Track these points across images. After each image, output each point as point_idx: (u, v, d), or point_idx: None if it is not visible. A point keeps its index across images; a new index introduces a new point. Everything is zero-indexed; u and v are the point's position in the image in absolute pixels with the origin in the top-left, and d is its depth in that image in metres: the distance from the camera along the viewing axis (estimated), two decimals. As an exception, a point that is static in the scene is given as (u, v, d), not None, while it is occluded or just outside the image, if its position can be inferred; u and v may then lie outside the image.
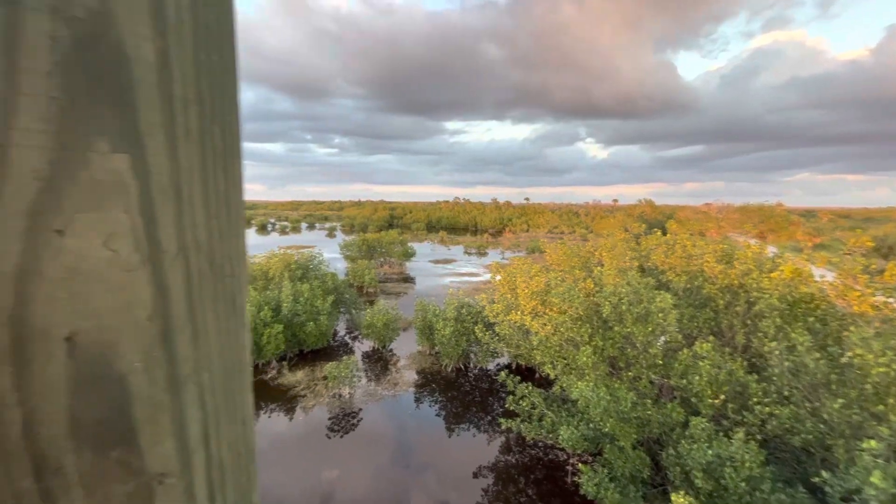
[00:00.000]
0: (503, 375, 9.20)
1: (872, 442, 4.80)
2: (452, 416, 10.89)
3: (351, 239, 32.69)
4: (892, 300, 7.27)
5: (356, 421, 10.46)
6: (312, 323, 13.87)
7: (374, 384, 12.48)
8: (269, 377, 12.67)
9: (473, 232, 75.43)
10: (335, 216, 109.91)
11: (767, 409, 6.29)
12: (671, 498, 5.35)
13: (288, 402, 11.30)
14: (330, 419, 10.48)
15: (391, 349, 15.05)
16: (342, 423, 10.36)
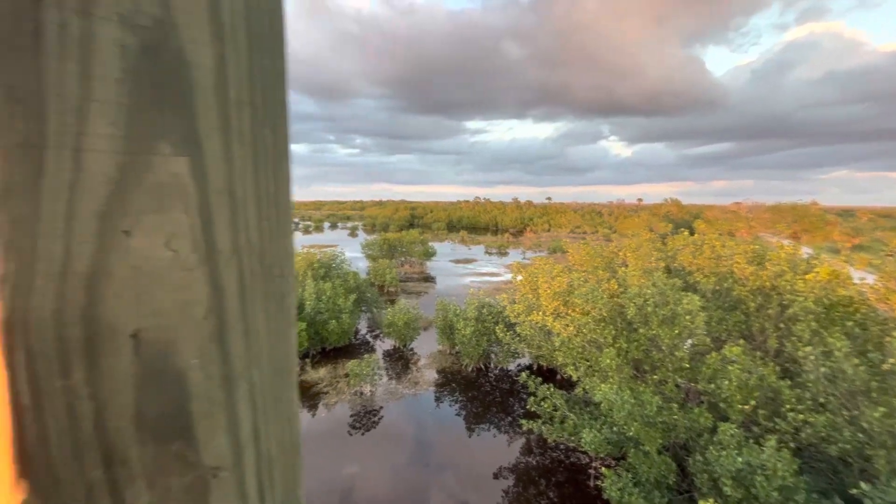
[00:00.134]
0: (524, 376, 9.12)
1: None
2: (472, 415, 10.87)
3: (372, 238, 32.99)
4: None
5: (377, 419, 10.55)
6: (335, 321, 14.07)
7: (394, 382, 12.57)
8: (292, 374, 12.91)
9: (494, 232, 75.03)
10: (357, 216, 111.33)
11: (802, 416, 6.04)
12: (698, 505, 5.21)
13: (311, 398, 11.49)
14: (352, 416, 10.61)
15: (412, 348, 15.13)
16: (363, 420, 10.48)
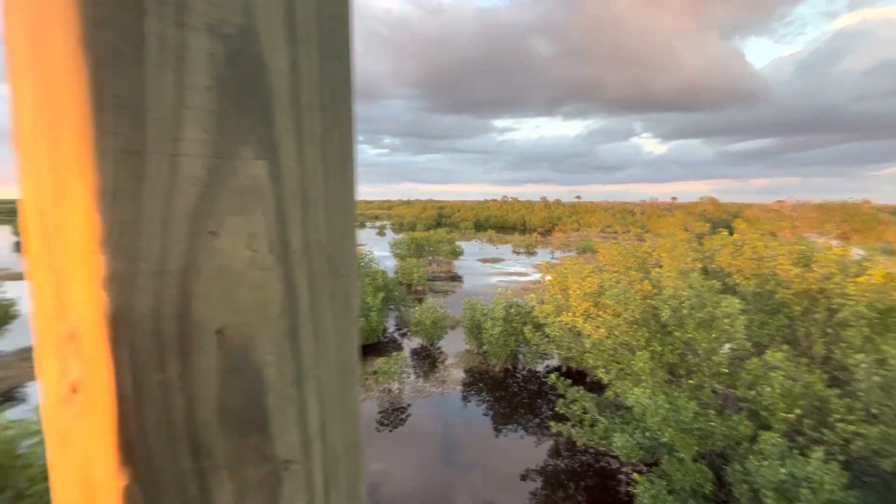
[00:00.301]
0: (553, 378, 8.99)
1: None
2: (500, 416, 10.82)
3: (400, 237, 33.29)
4: None
5: (405, 416, 10.66)
6: (364, 319, 14.29)
7: (422, 381, 12.65)
8: (323, 369, 13.23)
9: (522, 231, 74.30)
10: (385, 215, 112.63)
11: (852, 427, 5.70)
12: (738, 517, 5.00)
13: (340, 394, 11.70)
14: (379, 413, 10.75)
15: (439, 347, 15.19)
16: (391, 417, 10.60)
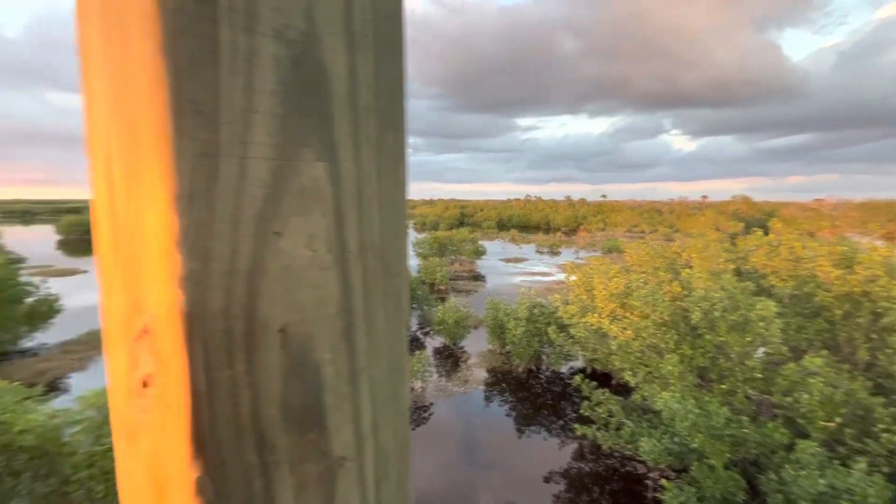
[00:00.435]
0: (578, 380, 8.85)
1: None
2: (522, 417, 10.73)
3: (423, 237, 33.44)
4: None
5: (427, 415, 10.71)
6: (387, 317, 14.39)
7: (444, 380, 12.68)
8: (347, 366, 13.44)
9: (546, 230, 73.42)
10: (408, 214, 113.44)
11: (899, 438, 5.40)
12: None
13: (364, 391, 11.87)
14: (403, 410, 10.84)
15: (461, 346, 15.19)
16: (413, 415, 10.66)
